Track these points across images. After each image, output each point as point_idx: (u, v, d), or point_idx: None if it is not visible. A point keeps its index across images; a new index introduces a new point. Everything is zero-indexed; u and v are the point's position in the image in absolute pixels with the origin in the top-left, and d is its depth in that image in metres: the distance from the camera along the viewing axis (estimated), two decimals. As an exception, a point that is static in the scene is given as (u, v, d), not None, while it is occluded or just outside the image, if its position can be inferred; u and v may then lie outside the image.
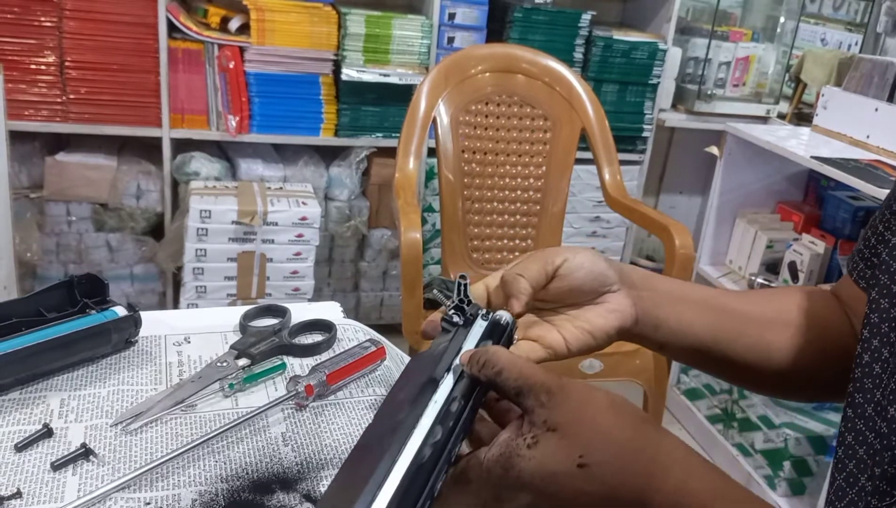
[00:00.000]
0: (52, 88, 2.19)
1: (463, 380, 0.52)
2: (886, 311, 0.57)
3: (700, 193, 3.27)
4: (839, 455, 0.59)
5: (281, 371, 0.82)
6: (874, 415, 0.55)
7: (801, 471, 2.05)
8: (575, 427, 0.47)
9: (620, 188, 1.92)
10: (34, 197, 2.28)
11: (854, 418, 0.58)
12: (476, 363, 0.51)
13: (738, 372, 0.71)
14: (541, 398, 0.48)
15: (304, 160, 2.47)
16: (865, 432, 0.56)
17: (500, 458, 0.48)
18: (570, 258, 0.62)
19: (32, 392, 0.74)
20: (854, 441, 0.57)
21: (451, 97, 1.87)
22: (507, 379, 0.49)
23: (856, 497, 0.56)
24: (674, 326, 0.66)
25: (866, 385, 0.57)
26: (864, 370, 0.58)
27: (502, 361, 0.50)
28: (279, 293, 2.31)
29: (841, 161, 1.97)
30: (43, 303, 0.81)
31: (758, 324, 0.69)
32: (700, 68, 2.83)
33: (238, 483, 0.65)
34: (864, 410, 0.57)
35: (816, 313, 0.70)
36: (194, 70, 2.28)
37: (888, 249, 0.60)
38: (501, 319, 0.58)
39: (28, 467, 0.65)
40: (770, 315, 0.69)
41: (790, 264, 2.23)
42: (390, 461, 0.46)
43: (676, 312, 0.67)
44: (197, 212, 2.15)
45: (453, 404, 0.50)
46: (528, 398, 0.49)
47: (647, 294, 0.66)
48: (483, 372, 0.50)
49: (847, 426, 0.59)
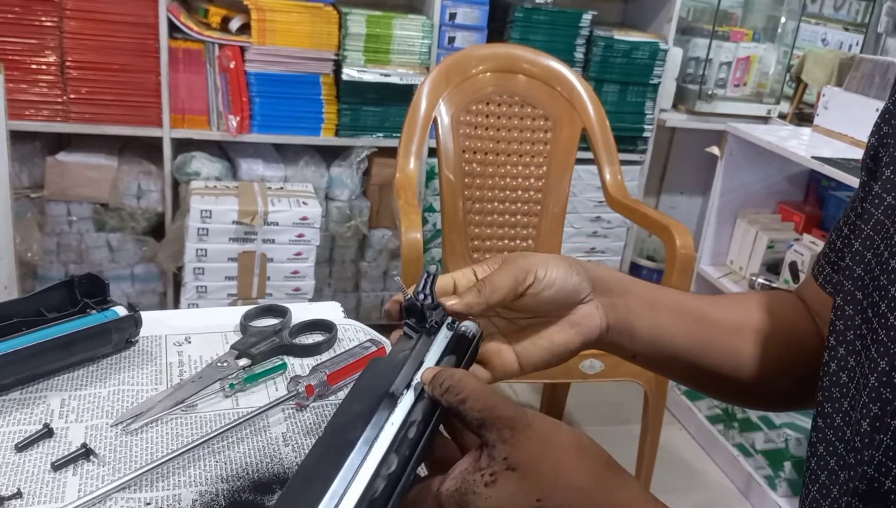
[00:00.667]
0: (53, 87, 2.19)
1: (423, 400, 0.49)
2: (851, 318, 0.55)
3: (701, 193, 3.27)
4: (812, 465, 0.58)
5: (281, 371, 0.82)
6: (843, 425, 0.54)
7: (801, 472, 2.05)
8: (535, 468, 0.46)
9: (621, 188, 1.92)
10: (35, 197, 2.28)
11: (824, 427, 0.57)
12: (439, 385, 0.49)
13: (709, 381, 0.69)
14: (504, 433, 0.46)
15: (305, 160, 2.47)
16: (835, 442, 0.55)
17: (454, 493, 0.46)
18: (540, 277, 0.59)
19: (33, 392, 0.74)
20: (825, 452, 0.56)
21: (452, 97, 1.87)
22: (470, 409, 0.47)
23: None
24: (647, 334, 0.64)
25: (834, 395, 0.56)
26: (831, 379, 0.57)
27: (467, 389, 0.48)
28: (280, 293, 2.31)
29: (842, 161, 1.96)
30: (43, 303, 0.81)
31: (728, 331, 0.67)
32: (701, 68, 2.83)
33: (238, 483, 0.65)
34: (832, 420, 0.56)
35: (785, 317, 0.68)
36: (195, 70, 2.28)
37: (852, 253, 0.58)
38: (468, 331, 0.56)
39: (28, 467, 0.65)
40: (740, 322, 0.68)
41: (791, 264, 2.23)
42: (341, 490, 0.44)
43: (650, 319, 0.64)
44: (198, 212, 2.15)
45: (411, 428, 0.48)
46: (491, 431, 0.47)
47: (621, 301, 0.64)
48: (446, 397, 0.48)
49: (818, 435, 0.58)
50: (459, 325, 0.56)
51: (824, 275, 0.67)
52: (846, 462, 0.53)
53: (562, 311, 0.61)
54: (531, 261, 0.59)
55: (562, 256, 0.62)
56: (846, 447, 0.53)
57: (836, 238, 0.65)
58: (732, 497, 2.16)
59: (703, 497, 2.14)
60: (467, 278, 0.61)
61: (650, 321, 0.64)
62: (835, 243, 0.65)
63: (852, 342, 0.55)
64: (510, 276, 0.58)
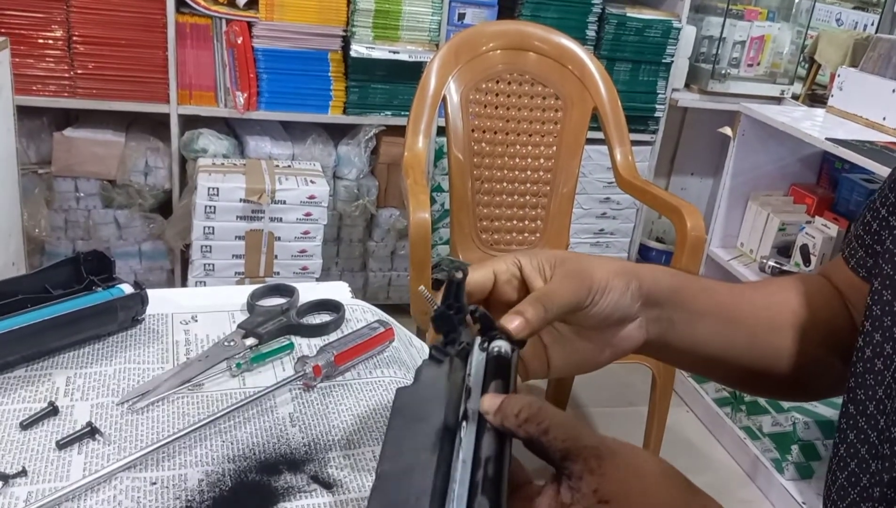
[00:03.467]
0: (60, 63, 2.18)
1: (488, 432, 0.44)
2: (890, 304, 0.54)
3: (712, 174, 3.24)
4: (841, 452, 0.57)
5: (289, 351, 0.81)
6: (876, 413, 0.54)
7: (809, 455, 2.04)
8: (626, 500, 0.43)
9: (632, 169, 1.90)
10: (42, 173, 2.28)
11: (856, 415, 0.56)
12: (513, 416, 0.44)
13: (743, 379, 0.68)
14: (590, 463, 0.43)
15: (313, 138, 2.46)
16: (867, 430, 0.54)
17: None
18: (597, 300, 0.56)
19: (38, 370, 0.74)
20: (856, 440, 0.55)
21: (462, 75, 1.85)
22: (553, 439, 0.44)
23: (858, 499, 0.55)
24: (684, 345, 0.62)
25: (868, 382, 0.55)
26: (865, 366, 0.56)
27: (548, 419, 0.44)
28: (287, 272, 2.31)
29: (856, 143, 1.94)
30: (49, 280, 0.80)
31: (767, 330, 0.65)
32: (714, 47, 2.79)
33: (245, 463, 0.64)
34: (865, 407, 0.55)
35: (822, 310, 0.66)
36: (202, 45, 2.26)
37: (893, 236, 0.56)
38: (501, 350, 0.50)
39: (33, 445, 0.64)
40: (778, 320, 0.66)
41: (802, 247, 2.21)
42: None
43: (691, 331, 0.62)
44: (205, 189, 2.14)
45: (489, 466, 0.43)
46: (577, 462, 0.43)
47: (665, 315, 0.61)
48: (525, 428, 0.44)
49: (849, 422, 0.57)
50: (492, 345, 0.50)
51: (857, 258, 0.64)
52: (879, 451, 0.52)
53: (603, 329, 0.59)
54: (592, 277, 0.56)
55: (618, 265, 0.59)
56: (879, 436, 0.52)
57: (872, 219, 0.62)
58: (739, 479, 2.16)
59: (709, 480, 2.13)
60: (510, 272, 0.58)
61: (690, 333, 0.62)
62: (870, 224, 0.63)
63: (889, 329, 0.53)
64: (572, 295, 0.55)
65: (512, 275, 0.57)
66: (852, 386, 0.57)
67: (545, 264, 0.57)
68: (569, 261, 0.57)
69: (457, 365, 0.50)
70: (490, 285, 0.57)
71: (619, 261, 0.60)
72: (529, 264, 0.57)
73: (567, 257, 0.57)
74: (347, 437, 0.69)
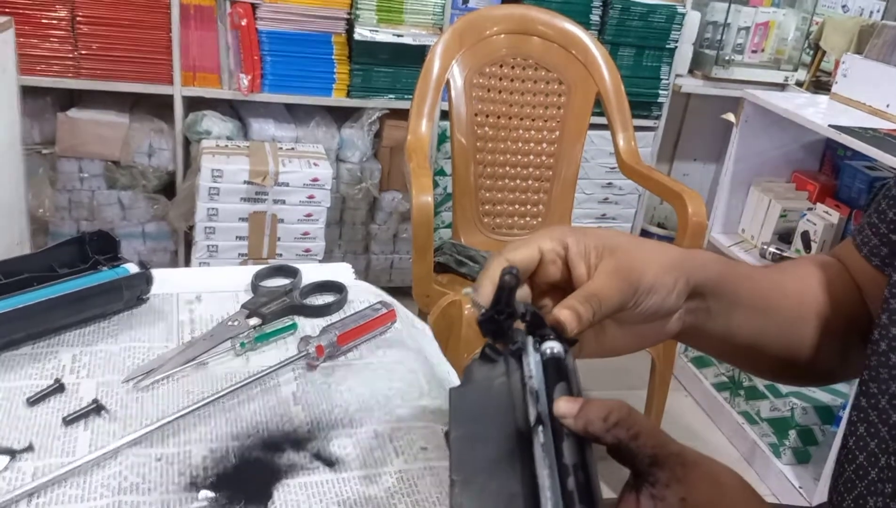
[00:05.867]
0: (64, 43, 2.17)
1: (568, 438, 0.42)
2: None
3: (714, 160, 3.24)
4: (850, 444, 0.56)
5: (292, 331, 0.82)
6: (888, 408, 0.53)
7: (806, 440, 2.06)
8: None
9: (634, 155, 1.90)
10: (46, 153, 2.28)
11: (867, 408, 0.55)
12: (601, 419, 0.42)
13: (764, 365, 0.67)
14: (676, 471, 0.42)
15: (316, 121, 2.46)
16: (878, 424, 0.54)
17: None
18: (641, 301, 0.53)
19: (44, 348, 0.75)
20: (866, 433, 0.55)
21: (465, 59, 1.85)
22: (643, 445, 0.42)
23: (865, 492, 0.55)
24: (716, 334, 0.61)
25: (882, 376, 0.54)
26: (879, 360, 0.55)
27: (638, 424, 0.43)
28: (290, 254, 2.32)
29: (859, 130, 1.94)
30: (55, 259, 0.81)
31: (793, 320, 0.64)
32: (719, 33, 2.78)
33: (249, 441, 0.65)
34: (877, 401, 0.54)
35: (842, 296, 0.65)
36: (206, 27, 2.26)
37: None
38: (555, 351, 0.47)
39: (40, 421, 0.65)
40: (804, 310, 0.64)
41: (803, 233, 2.21)
42: None
43: (726, 321, 0.60)
44: (208, 171, 2.14)
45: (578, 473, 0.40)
46: (664, 469, 0.43)
47: (704, 306, 0.59)
48: (614, 432, 0.42)
49: (859, 415, 0.56)
50: (544, 346, 0.48)
51: (870, 246, 0.64)
52: (889, 446, 0.52)
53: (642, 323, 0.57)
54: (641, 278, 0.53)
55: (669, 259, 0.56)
56: (890, 431, 0.52)
57: (888, 207, 0.61)
58: (736, 464, 2.17)
59: (707, 464, 2.14)
60: (555, 253, 0.55)
61: (725, 322, 0.60)
62: (885, 212, 0.62)
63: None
64: (618, 295, 0.52)
65: (557, 255, 0.55)
66: (865, 379, 0.56)
67: (591, 251, 0.54)
68: (618, 252, 0.54)
69: (512, 366, 0.48)
70: (535, 265, 0.54)
71: (669, 252, 0.57)
72: (576, 247, 0.55)
73: (617, 247, 0.54)
74: (350, 416, 0.70)
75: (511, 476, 0.41)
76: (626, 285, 0.53)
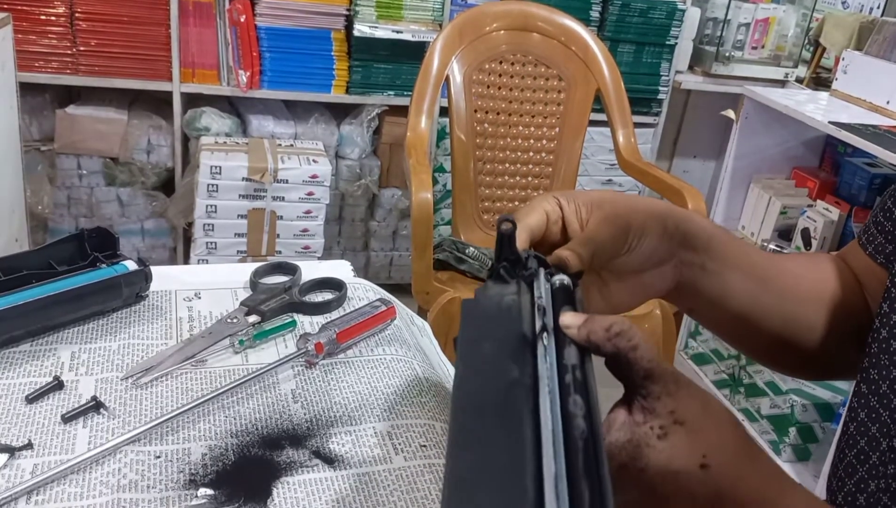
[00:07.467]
0: (63, 39, 2.17)
1: (568, 346, 0.44)
2: None
3: (714, 157, 3.23)
4: (850, 430, 0.57)
5: (291, 329, 0.82)
6: (889, 393, 0.54)
7: (806, 438, 2.06)
8: (700, 425, 0.44)
9: (634, 151, 1.90)
10: (45, 150, 2.28)
11: (868, 394, 0.56)
12: (603, 329, 0.44)
13: (765, 346, 0.67)
14: (669, 387, 0.44)
15: (315, 117, 2.45)
16: (879, 409, 0.55)
17: (626, 445, 0.44)
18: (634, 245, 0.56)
19: (43, 345, 0.74)
20: (867, 418, 0.56)
21: (465, 55, 1.84)
22: (640, 358, 0.44)
23: (866, 476, 0.55)
24: (713, 294, 0.62)
25: (882, 362, 0.55)
26: (880, 346, 0.56)
27: (639, 337, 0.44)
28: (289, 251, 2.31)
29: (859, 127, 1.93)
30: (53, 256, 0.81)
31: (795, 299, 0.64)
32: (719, 30, 2.78)
33: (248, 438, 0.65)
34: (878, 387, 0.55)
35: (847, 290, 0.65)
36: (205, 23, 2.26)
37: None
38: (564, 282, 0.50)
39: (39, 418, 0.65)
40: (810, 291, 0.65)
41: (803, 230, 2.21)
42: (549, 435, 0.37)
43: (721, 280, 0.61)
44: (207, 168, 2.14)
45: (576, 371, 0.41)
46: (658, 383, 0.44)
47: (699, 260, 0.60)
48: (616, 342, 0.43)
49: (860, 401, 0.57)
50: (554, 278, 0.50)
51: (875, 244, 0.64)
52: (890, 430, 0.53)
53: (640, 272, 0.59)
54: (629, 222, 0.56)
55: (655, 205, 0.59)
56: (891, 415, 0.53)
57: (894, 206, 0.62)
58: (736, 461, 2.17)
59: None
60: (556, 214, 0.58)
61: (720, 281, 0.62)
62: (892, 211, 0.63)
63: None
64: (610, 240, 0.56)
65: (558, 216, 0.58)
66: (865, 366, 0.57)
67: (582, 207, 0.58)
68: (606, 204, 0.57)
69: (523, 289, 0.50)
70: (544, 228, 0.57)
71: (654, 200, 0.60)
72: (568, 206, 0.58)
73: (603, 200, 0.58)
74: (349, 413, 0.70)
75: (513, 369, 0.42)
76: (616, 229, 0.56)
